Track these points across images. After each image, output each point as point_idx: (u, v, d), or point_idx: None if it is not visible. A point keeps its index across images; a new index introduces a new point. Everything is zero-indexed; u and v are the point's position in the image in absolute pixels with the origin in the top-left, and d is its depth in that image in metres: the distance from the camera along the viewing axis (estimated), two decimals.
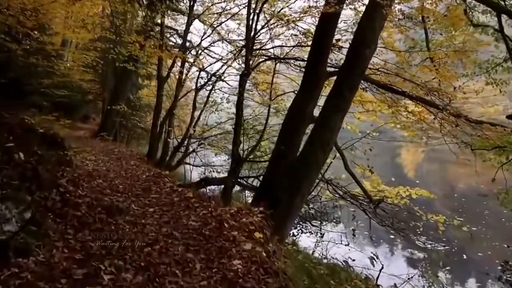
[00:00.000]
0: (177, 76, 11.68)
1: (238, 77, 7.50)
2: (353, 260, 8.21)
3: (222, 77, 10.47)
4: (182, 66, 10.76)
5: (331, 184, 7.20)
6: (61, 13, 16.12)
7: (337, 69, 7.12)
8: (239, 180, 7.64)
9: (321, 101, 6.90)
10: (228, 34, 13.54)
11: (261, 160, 8.66)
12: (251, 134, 9.07)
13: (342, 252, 8.52)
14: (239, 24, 12.96)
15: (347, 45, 7.14)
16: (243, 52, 10.38)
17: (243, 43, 11.43)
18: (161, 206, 5.57)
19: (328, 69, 7.01)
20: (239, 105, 6.86)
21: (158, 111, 11.89)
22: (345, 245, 9.20)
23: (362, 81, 7.19)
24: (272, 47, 8.43)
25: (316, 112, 6.63)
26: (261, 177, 8.15)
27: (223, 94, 13.86)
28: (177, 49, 11.21)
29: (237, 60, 11.58)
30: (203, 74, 11.24)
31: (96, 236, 3.94)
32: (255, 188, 7.97)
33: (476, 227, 9.31)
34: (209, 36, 12.08)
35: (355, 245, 9.86)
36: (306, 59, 7.24)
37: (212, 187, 13.24)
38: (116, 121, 15.28)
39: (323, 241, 9.33)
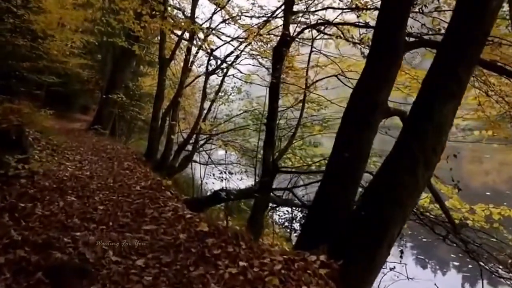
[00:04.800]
0: (183, 58, 9.23)
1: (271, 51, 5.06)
2: None
3: (239, 59, 8.02)
4: (191, 41, 8.30)
5: None
6: None
7: (417, 39, 4.74)
8: (273, 194, 5.24)
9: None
10: (240, 14, 11.16)
11: (305, 170, 6.21)
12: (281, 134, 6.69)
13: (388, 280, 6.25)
14: (253, 4, 10.56)
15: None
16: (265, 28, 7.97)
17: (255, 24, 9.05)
18: (158, 252, 3.21)
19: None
20: (275, 93, 4.46)
21: (159, 101, 9.44)
22: (390, 269, 6.94)
23: None
24: (318, 10, 5.94)
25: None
26: (295, 188, 5.78)
27: (234, 84, 11.44)
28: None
29: (254, 41, 9.21)
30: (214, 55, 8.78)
31: None
32: (292, 205, 5.61)
33: None
34: (219, 11, 9.58)
35: (400, 269, 7.61)
36: (372, 25, 4.84)
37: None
38: (113, 112, 12.88)
39: None
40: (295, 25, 5.63)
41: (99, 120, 12.50)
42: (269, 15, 7.57)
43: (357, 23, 5.17)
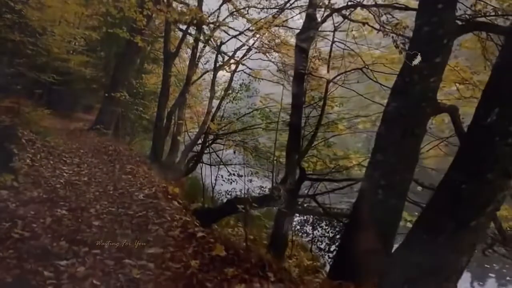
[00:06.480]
0: (189, 54, 8.51)
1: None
2: None
3: (250, 53, 7.30)
4: (198, 31, 7.58)
5: None
6: None
7: (465, 22, 3.98)
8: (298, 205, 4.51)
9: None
10: (248, 8, 10.44)
11: (337, 177, 5.42)
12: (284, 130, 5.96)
13: None
14: None
15: None
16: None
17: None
18: (165, 287, 2.50)
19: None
20: (300, 85, 3.72)
21: (164, 99, 8.73)
22: None
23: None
24: None
25: None
26: (319, 195, 5.04)
27: (242, 80, 10.72)
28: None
29: (265, 35, 8.48)
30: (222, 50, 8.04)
31: None
32: (317, 214, 4.87)
33: None
34: (225, 3, 8.85)
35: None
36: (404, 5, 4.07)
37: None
38: (116, 111, 12.18)
39: None
40: (320, 10, 4.89)
41: (101, 119, 11.81)
42: (282, 4, 6.79)
43: (395, 4, 4.42)
